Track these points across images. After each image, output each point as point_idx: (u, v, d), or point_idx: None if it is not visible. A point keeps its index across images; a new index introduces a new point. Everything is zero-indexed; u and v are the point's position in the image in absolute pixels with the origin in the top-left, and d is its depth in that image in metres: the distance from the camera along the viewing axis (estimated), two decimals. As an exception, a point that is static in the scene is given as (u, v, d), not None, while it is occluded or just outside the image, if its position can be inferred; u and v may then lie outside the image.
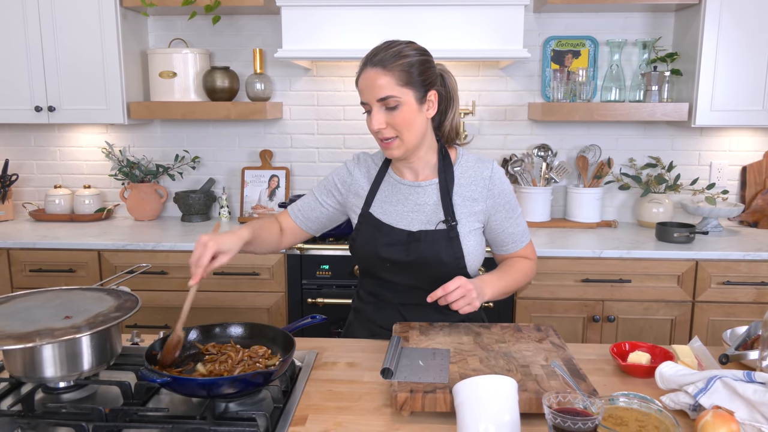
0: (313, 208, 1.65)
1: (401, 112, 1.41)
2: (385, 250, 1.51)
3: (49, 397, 1.21)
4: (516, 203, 1.58)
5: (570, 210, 2.99)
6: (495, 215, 1.55)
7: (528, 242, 1.62)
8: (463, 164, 1.56)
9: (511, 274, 1.55)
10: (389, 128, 1.43)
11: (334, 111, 3.09)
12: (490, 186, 1.53)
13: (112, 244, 2.60)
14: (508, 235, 1.58)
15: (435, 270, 1.49)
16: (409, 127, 1.43)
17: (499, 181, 1.54)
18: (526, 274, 1.59)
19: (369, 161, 1.64)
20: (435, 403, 1.10)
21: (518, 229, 1.58)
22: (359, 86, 1.45)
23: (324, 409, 1.16)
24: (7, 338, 1.07)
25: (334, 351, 1.44)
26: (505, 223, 1.56)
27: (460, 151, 1.60)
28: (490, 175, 1.53)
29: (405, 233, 1.51)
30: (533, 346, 1.32)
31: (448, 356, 1.26)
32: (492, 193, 1.53)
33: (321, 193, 1.65)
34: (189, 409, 1.17)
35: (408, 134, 1.44)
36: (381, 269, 1.55)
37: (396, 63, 1.40)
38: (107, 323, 1.14)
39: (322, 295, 2.57)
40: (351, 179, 1.62)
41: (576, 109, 2.72)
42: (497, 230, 1.57)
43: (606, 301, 2.51)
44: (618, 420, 0.96)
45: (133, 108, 2.83)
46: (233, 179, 3.17)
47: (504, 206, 1.55)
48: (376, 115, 1.42)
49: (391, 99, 1.40)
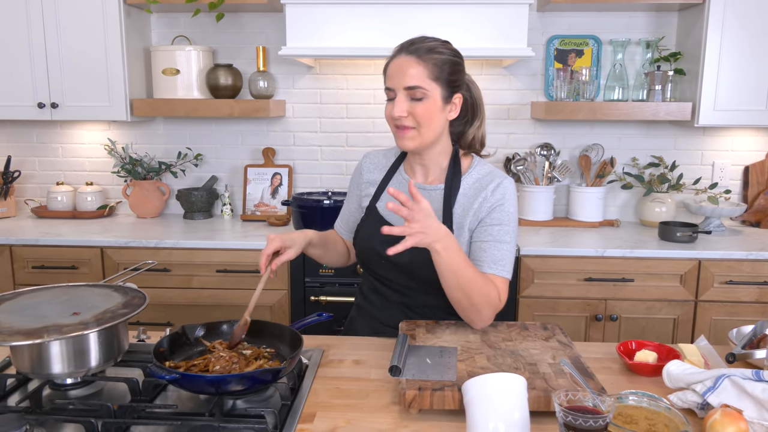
0: (349, 220, 1.70)
1: (425, 105, 1.41)
2: (382, 247, 1.50)
3: (57, 394, 1.20)
4: (509, 231, 1.45)
5: (572, 209, 2.99)
6: (479, 226, 1.46)
7: (501, 277, 1.43)
8: (473, 174, 1.53)
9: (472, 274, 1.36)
10: (410, 118, 1.42)
11: (337, 109, 3.08)
12: (489, 197, 1.47)
13: (115, 241, 2.60)
14: (481, 251, 1.44)
15: (427, 274, 1.47)
16: (429, 121, 1.43)
17: (501, 195, 1.46)
18: (483, 294, 1.36)
19: (380, 157, 1.66)
20: (443, 401, 1.10)
21: (495, 254, 1.43)
22: (388, 71, 1.44)
23: (332, 407, 1.16)
24: (15, 334, 1.07)
25: (340, 348, 1.44)
26: (483, 237, 1.44)
27: (476, 161, 1.56)
28: (495, 189, 1.47)
29: None
30: (540, 344, 1.33)
31: (455, 354, 1.26)
32: (488, 206, 1.46)
33: (349, 202, 1.70)
34: (196, 406, 1.17)
35: (426, 129, 1.44)
36: (377, 265, 1.55)
37: (430, 56, 1.41)
38: (115, 320, 1.14)
39: (324, 293, 2.57)
40: (361, 179, 1.67)
41: (579, 108, 2.72)
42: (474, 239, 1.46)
43: (609, 300, 2.51)
44: (628, 418, 0.96)
45: (136, 105, 2.82)
46: (236, 177, 3.16)
47: (493, 221, 1.45)
48: (400, 103, 1.41)
49: (419, 90, 1.40)
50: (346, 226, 1.72)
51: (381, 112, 3.06)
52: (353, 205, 1.69)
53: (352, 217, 1.68)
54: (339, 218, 1.75)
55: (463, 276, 1.34)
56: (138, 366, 1.27)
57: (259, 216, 3.03)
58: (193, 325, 1.32)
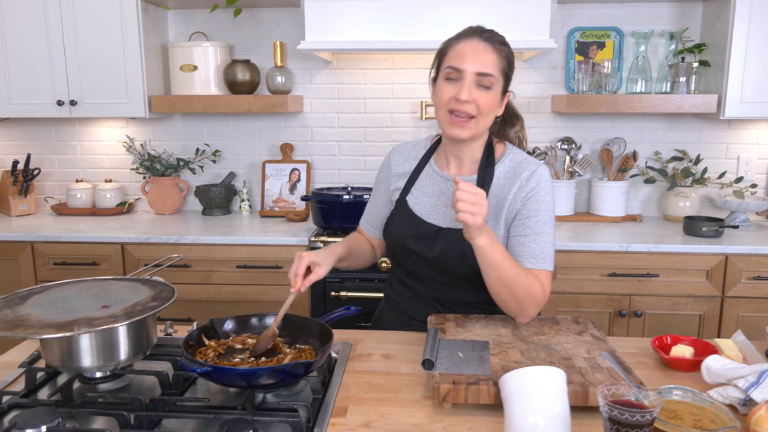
0: (376, 216, 1.66)
1: (490, 96, 1.39)
2: (412, 242, 1.49)
3: (86, 387, 1.20)
4: (547, 221, 1.41)
5: (594, 204, 2.96)
6: (515, 219, 1.42)
7: (544, 271, 1.40)
8: (506, 163, 1.48)
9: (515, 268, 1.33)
10: (473, 105, 1.38)
11: (355, 104, 3.06)
12: (524, 187, 1.43)
13: (135, 237, 2.60)
14: (520, 246, 1.40)
15: (458, 269, 1.45)
16: (488, 112, 1.41)
17: (535, 184, 1.41)
18: (527, 289, 1.33)
19: (408, 149, 1.63)
20: (478, 395, 1.08)
21: (534, 248, 1.39)
22: (458, 52, 1.38)
23: (364, 401, 1.15)
24: (46, 327, 1.06)
25: (368, 343, 1.43)
26: (521, 231, 1.41)
27: (509, 149, 1.51)
28: (529, 177, 1.43)
29: (433, 228, 1.48)
30: (573, 338, 1.30)
31: (487, 348, 1.24)
32: (522, 195, 1.42)
33: (376, 198, 1.66)
34: (227, 400, 1.15)
35: (484, 120, 1.41)
36: (407, 260, 1.52)
37: (502, 48, 1.41)
38: (145, 313, 1.13)
39: (345, 289, 2.56)
40: (390, 172, 1.63)
41: (601, 101, 2.69)
42: (511, 234, 1.43)
43: (633, 295, 2.48)
44: (672, 413, 0.93)
45: (154, 102, 2.82)
46: (254, 173, 3.16)
47: (529, 213, 1.41)
48: (467, 87, 1.36)
49: (490, 78, 1.37)
50: (373, 223, 1.68)
51: (400, 107, 3.04)
52: (381, 201, 1.65)
53: (380, 213, 1.64)
54: (364, 216, 1.71)
55: (506, 271, 1.32)
56: (167, 359, 1.26)
57: (278, 212, 3.02)
58: (221, 318, 1.31)
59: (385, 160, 1.67)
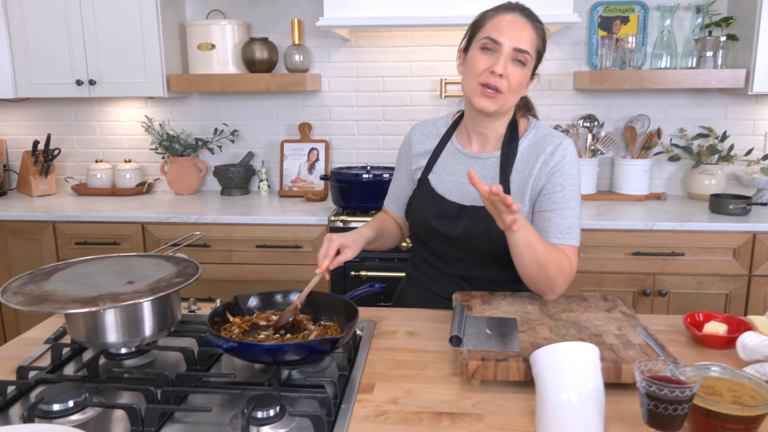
0: (399, 195, 1.64)
1: (522, 73, 1.36)
2: (435, 221, 1.46)
3: (112, 363, 1.20)
4: (573, 195, 1.38)
5: (617, 182, 2.91)
6: (540, 195, 1.40)
7: (570, 246, 1.37)
8: (530, 138, 1.45)
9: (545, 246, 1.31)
10: (505, 80, 1.35)
11: (374, 82, 3.03)
12: (549, 161, 1.40)
13: (155, 217, 2.60)
14: (546, 221, 1.38)
15: (483, 247, 1.43)
16: (518, 90, 1.38)
17: (560, 157, 1.39)
18: (557, 266, 1.32)
19: (429, 127, 1.59)
20: (508, 372, 1.06)
21: (561, 223, 1.37)
22: (497, 24, 1.35)
23: (390, 377, 1.13)
24: (72, 302, 1.06)
25: (393, 320, 1.41)
26: (546, 206, 1.38)
27: (532, 123, 1.49)
28: (553, 151, 1.40)
29: (456, 206, 1.45)
30: (603, 315, 1.27)
31: (515, 325, 1.21)
32: (547, 170, 1.39)
33: (398, 177, 1.64)
34: (252, 376, 1.14)
35: (512, 96, 1.39)
36: (430, 239, 1.50)
37: (539, 26, 1.39)
38: (170, 288, 1.12)
39: (365, 268, 2.54)
40: (411, 151, 1.60)
41: (626, 77, 2.63)
42: (537, 209, 1.40)
43: (657, 274, 2.44)
44: (710, 389, 0.90)
45: (172, 81, 2.81)
46: (272, 152, 3.14)
47: (554, 188, 1.38)
48: (503, 61, 1.33)
49: (526, 55, 1.35)
50: (396, 203, 1.65)
51: (419, 85, 3.00)
52: (403, 180, 1.62)
53: (403, 193, 1.62)
54: (388, 196, 1.69)
55: (538, 250, 1.30)
56: (191, 336, 1.26)
57: (297, 192, 3.01)
58: (245, 295, 1.30)
59: (405, 139, 1.64)
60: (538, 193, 1.41)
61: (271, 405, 0.96)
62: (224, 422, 0.98)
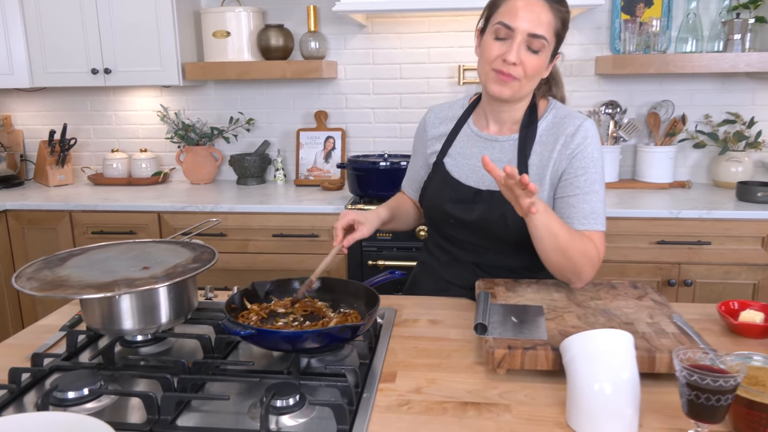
0: (415, 179, 1.60)
1: (538, 58, 1.30)
2: (450, 206, 1.42)
3: (128, 351, 1.17)
4: (597, 178, 1.33)
5: (640, 170, 2.84)
6: (562, 179, 1.34)
7: (596, 231, 1.32)
8: (549, 119, 1.40)
9: (568, 232, 1.25)
10: (519, 68, 1.29)
11: (391, 69, 2.98)
12: (569, 143, 1.34)
13: (171, 206, 2.58)
14: (569, 207, 1.32)
15: (499, 233, 1.38)
16: (534, 75, 1.32)
17: (581, 139, 1.33)
18: (582, 252, 1.26)
19: (445, 109, 1.55)
20: (536, 361, 1.02)
21: (585, 208, 1.31)
22: (510, 7, 1.28)
23: (413, 366, 1.10)
24: (87, 287, 1.03)
25: (414, 308, 1.37)
26: (569, 190, 1.33)
27: (552, 104, 1.43)
28: (574, 132, 1.34)
29: (472, 191, 1.41)
30: (633, 303, 1.22)
31: (542, 312, 1.17)
32: (568, 153, 1.34)
33: (414, 160, 1.60)
34: (270, 364, 1.11)
35: (529, 83, 1.33)
36: (445, 224, 1.46)
37: (559, 8, 1.30)
38: (186, 274, 1.09)
39: (382, 258, 2.51)
40: (426, 135, 1.56)
41: (650, 62, 2.55)
42: (559, 195, 1.35)
43: (682, 264, 2.38)
44: (752, 380, 0.86)
45: (187, 69, 2.78)
46: (288, 141, 3.11)
47: (576, 171, 1.32)
48: (516, 48, 1.27)
49: (541, 40, 1.27)
50: (412, 185, 1.62)
51: (436, 72, 2.95)
52: (418, 164, 1.59)
53: (418, 176, 1.58)
54: (406, 178, 1.66)
55: (561, 237, 1.24)
56: (209, 323, 1.23)
57: (313, 181, 2.97)
58: (263, 282, 1.27)
59: (420, 122, 1.60)
60: (559, 177, 1.36)
61: (291, 394, 0.92)
62: (242, 411, 0.95)
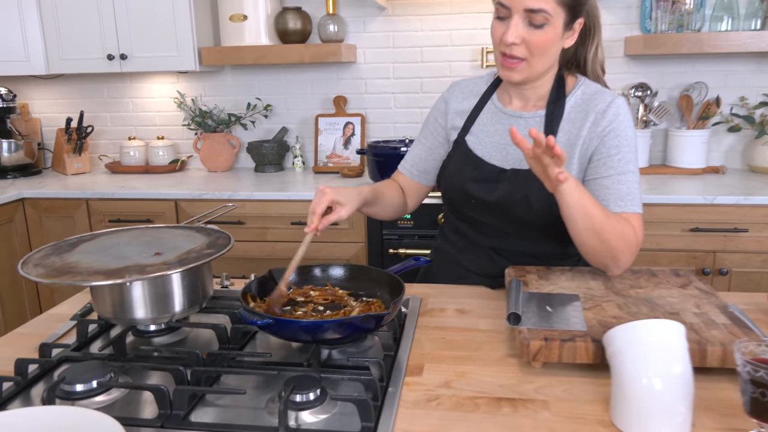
0: (425, 158, 1.49)
1: (544, 34, 1.20)
2: (471, 186, 1.33)
3: (140, 341, 1.12)
4: (631, 158, 1.25)
5: (671, 155, 2.73)
6: (593, 160, 1.26)
7: (634, 213, 1.24)
8: (578, 95, 1.31)
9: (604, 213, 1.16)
10: (522, 47, 1.21)
11: (411, 53, 2.89)
12: (600, 120, 1.26)
13: (189, 193, 2.53)
14: (603, 189, 1.24)
15: (522, 215, 1.30)
16: (544, 52, 1.22)
17: (613, 116, 1.25)
18: (620, 235, 1.17)
19: (469, 85, 1.45)
20: (575, 353, 0.94)
21: (620, 189, 1.23)
22: None
23: (440, 359, 1.03)
24: (95, 274, 0.97)
25: (439, 297, 1.30)
26: (602, 171, 1.24)
27: (580, 80, 1.34)
28: (605, 109, 1.26)
29: (496, 170, 1.33)
30: (677, 292, 1.14)
31: (579, 301, 1.09)
32: (599, 131, 1.25)
33: (426, 137, 1.49)
34: (288, 356, 1.05)
35: (539, 60, 1.23)
36: (465, 205, 1.37)
37: None
38: (200, 260, 1.03)
39: (403, 246, 2.44)
40: (447, 108, 1.45)
41: (683, 41, 2.44)
42: (591, 177, 1.26)
43: (718, 252, 2.27)
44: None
45: (204, 54, 2.72)
46: (306, 128, 3.04)
47: (609, 151, 1.24)
48: (515, 27, 1.19)
49: (542, 15, 1.18)
50: (419, 165, 1.49)
51: (459, 55, 2.86)
52: (431, 141, 1.47)
53: (431, 155, 1.47)
54: (407, 158, 1.52)
55: (595, 217, 1.15)
56: (224, 312, 1.17)
57: (332, 167, 2.91)
58: (281, 269, 1.20)
59: (441, 97, 1.48)
60: (589, 158, 1.28)
61: (311, 388, 0.86)
62: (260, 406, 0.88)
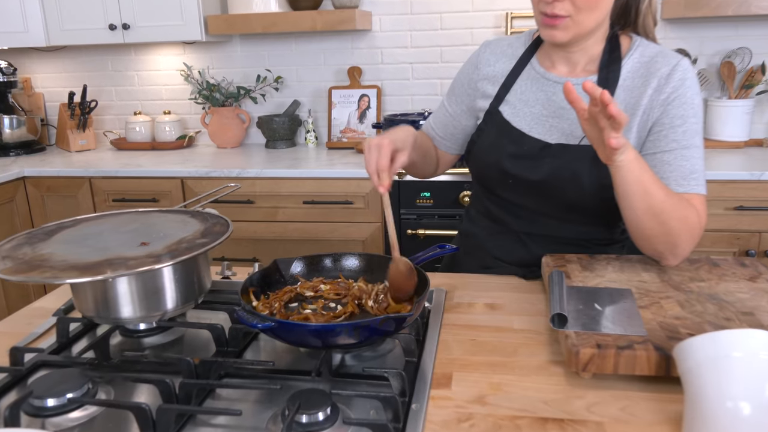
0: (447, 123, 1.32)
1: None
2: (509, 162, 1.17)
3: (128, 342, 0.98)
4: (697, 129, 1.09)
5: (711, 127, 2.53)
6: (653, 131, 1.10)
7: (698, 196, 1.08)
8: (635, 58, 1.13)
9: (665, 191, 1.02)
10: (567, 3, 1.05)
11: (430, 20, 2.71)
12: (663, 86, 1.08)
13: (196, 171, 2.40)
14: (664, 165, 1.08)
15: (569, 196, 1.14)
16: (593, 7, 1.05)
17: (679, 81, 1.08)
18: (682, 218, 1.02)
19: (503, 46, 1.27)
20: (634, 364, 0.79)
21: (684, 166, 1.07)
22: None
23: (471, 366, 0.88)
24: (69, 269, 0.84)
25: (467, 289, 1.15)
26: (664, 144, 1.08)
27: (637, 42, 1.16)
28: (669, 73, 1.09)
29: (539, 144, 1.16)
30: (746, 285, 0.98)
31: (632, 298, 0.94)
32: (662, 98, 1.08)
33: (453, 102, 1.31)
34: (294, 361, 0.91)
35: (586, 16, 1.06)
36: (501, 185, 1.21)
37: None
38: (192, 251, 0.89)
39: (422, 226, 2.29)
40: (478, 73, 1.27)
41: (728, 2, 2.23)
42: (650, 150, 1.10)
43: (764, 232, 2.10)
44: None
45: (210, 22, 2.56)
46: (319, 101, 2.88)
47: (673, 121, 1.08)
48: None
49: None
50: (444, 130, 1.33)
51: (481, 21, 2.66)
52: (457, 108, 1.30)
53: (457, 123, 1.30)
54: (432, 120, 1.36)
55: (655, 196, 0.99)
56: (224, 309, 1.03)
57: (346, 143, 2.75)
58: (287, 259, 1.06)
59: (471, 57, 1.30)
60: (649, 129, 1.11)
61: (320, 406, 0.72)
62: (259, 426, 0.75)
